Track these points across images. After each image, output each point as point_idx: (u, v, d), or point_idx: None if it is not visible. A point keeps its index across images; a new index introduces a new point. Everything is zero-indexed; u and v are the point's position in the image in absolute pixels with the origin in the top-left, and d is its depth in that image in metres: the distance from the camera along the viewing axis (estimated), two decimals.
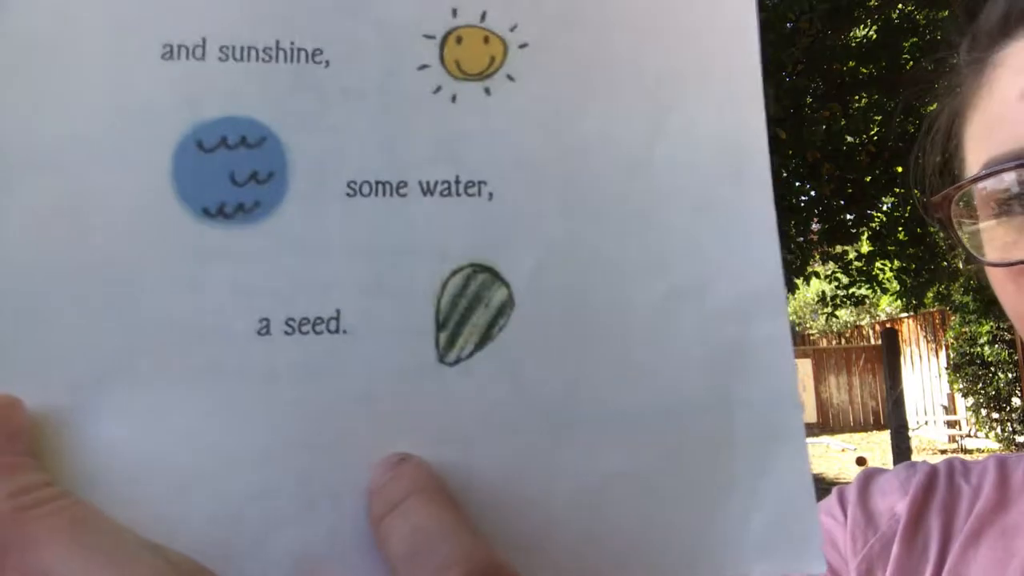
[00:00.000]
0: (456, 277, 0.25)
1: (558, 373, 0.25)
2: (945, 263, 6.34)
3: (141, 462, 0.22)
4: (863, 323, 14.09)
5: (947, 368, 9.76)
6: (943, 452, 10.09)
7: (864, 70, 6.00)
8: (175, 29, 0.24)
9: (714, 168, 0.26)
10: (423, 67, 0.25)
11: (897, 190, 6.16)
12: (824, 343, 14.52)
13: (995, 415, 8.74)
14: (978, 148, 0.47)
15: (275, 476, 0.23)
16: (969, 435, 10.10)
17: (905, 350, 10.95)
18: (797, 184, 6.34)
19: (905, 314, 10.91)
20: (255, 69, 0.24)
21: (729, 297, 0.26)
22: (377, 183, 0.25)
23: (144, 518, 0.22)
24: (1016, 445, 8.55)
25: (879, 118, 6.18)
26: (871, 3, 5.63)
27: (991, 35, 0.48)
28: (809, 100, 5.91)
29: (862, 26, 6.01)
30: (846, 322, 14.23)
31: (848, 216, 6.26)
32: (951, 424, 10.65)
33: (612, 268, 0.25)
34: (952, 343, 9.33)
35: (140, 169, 0.23)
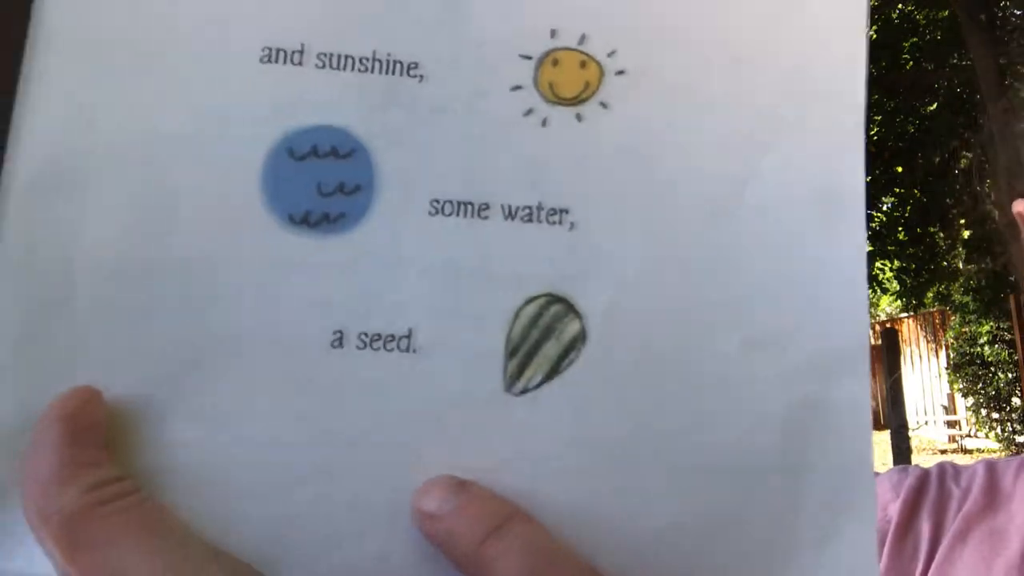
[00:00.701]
0: (530, 306, 0.24)
1: (624, 415, 0.24)
2: (945, 263, 6.34)
3: (207, 465, 0.23)
4: None
5: (947, 368, 9.76)
6: (943, 452, 10.09)
7: None
8: (276, 33, 0.24)
9: (806, 215, 0.25)
10: (516, 88, 0.25)
11: (897, 190, 6.16)
12: None
13: (995, 415, 8.74)
14: None
15: (335, 492, 0.23)
16: (969, 435, 10.09)
17: (905, 350, 10.94)
18: None
19: (905, 314, 10.91)
20: (351, 79, 0.24)
21: (811, 353, 0.24)
22: (460, 203, 0.24)
23: (204, 521, 0.22)
24: (1016, 445, 8.55)
25: (879, 118, 6.18)
26: (871, 3, 5.62)
27: None
28: None
29: None
30: None
31: None
32: (951, 424, 10.65)
33: (690, 311, 0.24)
34: (952, 343, 9.32)
35: (230, 171, 0.24)
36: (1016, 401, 8.45)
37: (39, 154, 0.23)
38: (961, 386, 9.06)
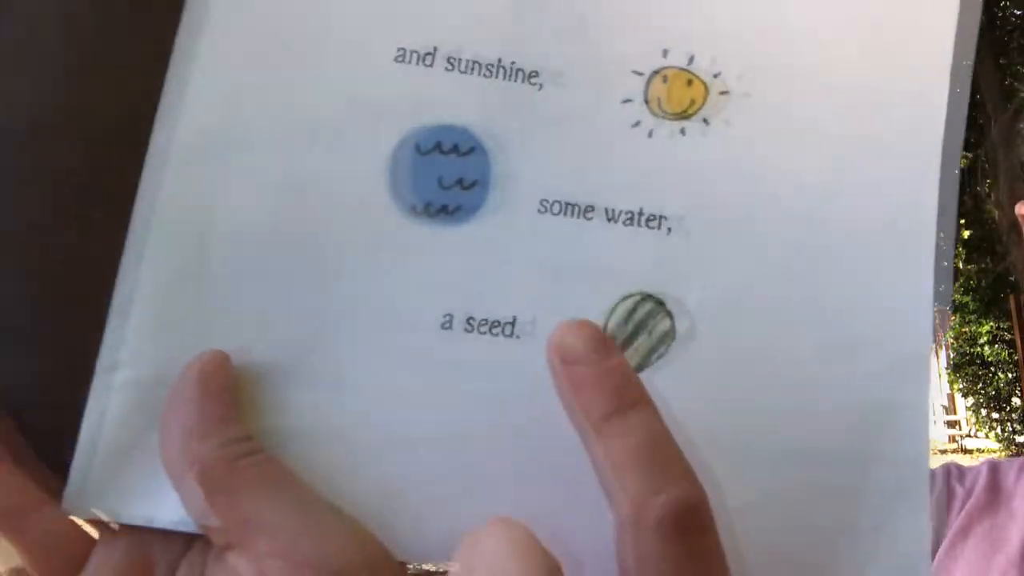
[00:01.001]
0: (626, 302, 0.26)
1: (704, 406, 0.26)
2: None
3: (325, 429, 0.25)
4: None
5: (947, 368, 9.77)
6: (943, 452, 10.08)
7: None
8: (410, 35, 0.26)
9: (884, 232, 0.27)
10: (627, 101, 0.27)
11: None
12: None
13: (995, 415, 8.75)
14: None
15: (440, 461, 0.25)
16: (969, 435, 10.09)
17: None
18: None
19: None
20: (476, 82, 0.26)
21: (879, 361, 0.26)
22: (567, 204, 0.26)
23: (320, 482, 0.24)
24: (1016, 445, 8.55)
25: None
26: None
27: None
28: None
29: None
30: None
31: None
32: (951, 424, 10.66)
33: (771, 315, 0.26)
34: (952, 343, 9.33)
35: (361, 161, 0.26)
36: (1016, 401, 8.45)
37: (190, 127, 0.25)
38: (961, 386, 9.06)
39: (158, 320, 0.24)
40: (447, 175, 0.26)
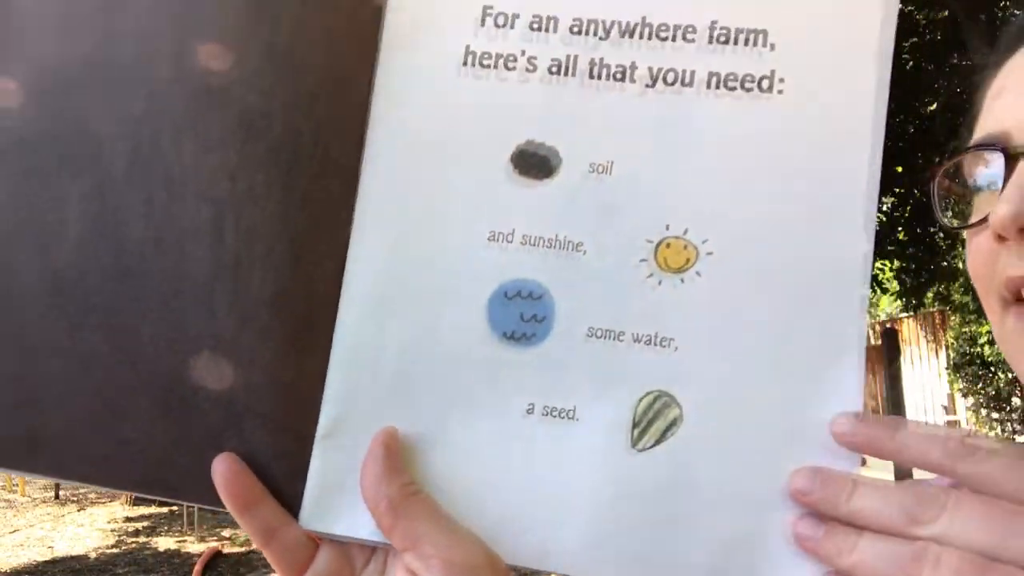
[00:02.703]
0: (648, 397, 0.39)
1: (700, 469, 0.38)
2: (945, 263, 6.34)
3: (454, 477, 0.39)
4: None
5: (947, 368, 9.77)
6: None
7: None
8: (496, 221, 0.40)
9: (819, 344, 0.38)
10: (642, 260, 0.39)
11: (897, 190, 6.15)
12: None
13: (995, 415, 8.75)
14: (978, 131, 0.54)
15: (526, 498, 0.39)
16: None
17: (905, 350, 10.94)
18: None
19: (905, 314, 10.92)
20: (541, 251, 0.40)
21: (818, 439, 0.37)
22: (605, 330, 0.39)
23: (453, 510, 0.38)
24: None
25: None
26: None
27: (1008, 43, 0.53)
28: None
29: None
30: None
31: None
32: (951, 424, 10.65)
33: (744, 408, 0.38)
34: (952, 343, 9.33)
35: (470, 305, 0.40)
36: (1016, 401, 8.45)
37: (364, 290, 0.40)
38: (961, 386, 9.06)
39: (354, 408, 0.40)
40: (525, 312, 0.39)
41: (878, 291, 6.67)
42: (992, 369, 8.65)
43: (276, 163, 0.40)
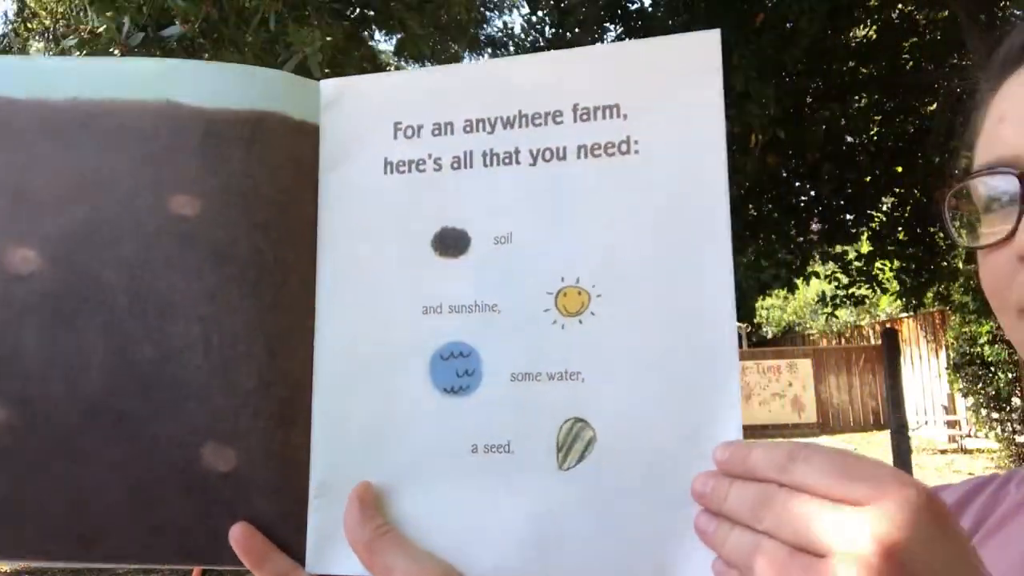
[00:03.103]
0: (567, 423, 0.47)
1: (618, 479, 0.45)
2: (945, 263, 6.34)
3: (417, 514, 0.47)
4: (863, 323, 14.06)
5: (947, 368, 9.75)
6: (943, 452, 10.08)
7: (864, 70, 5.99)
8: (428, 296, 0.49)
9: (697, 373, 0.46)
10: (546, 310, 0.48)
11: (897, 190, 6.15)
12: (824, 343, 14.49)
13: (995, 415, 8.73)
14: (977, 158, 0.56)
15: (484, 529, 0.47)
16: (969, 435, 10.09)
17: (905, 350, 10.93)
18: (797, 184, 6.32)
19: (905, 314, 10.91)
20: (463, 316, 0.49)
21: (709, 446, 0.44)
22: (525, 373, 0.48)
23: (422, 542, 0.47)
24: (1016, 445, 8.54)
25: (879, 118, 6.17)
26: (871, 3, 5.61)
27: (1004, 63, 0.54)
28: (809, 100, 5.91)
29: (862, 26, 6.00)
30: (846, 322, 14.21)
31: (848, 216, 6.24)
32: (951, 424, 10.64)
33: (649, 426, 0.46)
34: (952, 343, 9.32)
35: (416, 370, 0.49)
36: (1016, 401, 8.45)
37: (328, 368, 0.50)
38: (961, 386, 9.05)
39: (335, 471, 0.49)
40: (459, 369, 0.48)
41: (878, 291, 6.66)
42: (992, 369, 8.64)
43: (246, 279, 0.49)
